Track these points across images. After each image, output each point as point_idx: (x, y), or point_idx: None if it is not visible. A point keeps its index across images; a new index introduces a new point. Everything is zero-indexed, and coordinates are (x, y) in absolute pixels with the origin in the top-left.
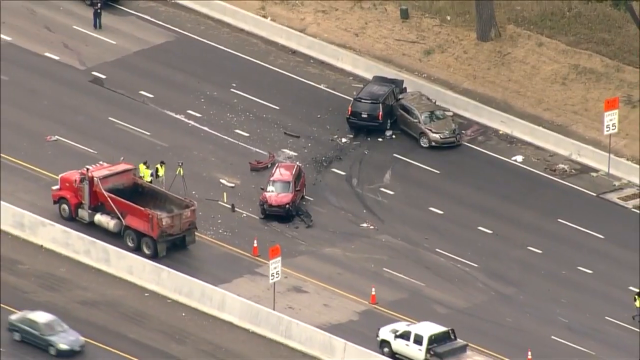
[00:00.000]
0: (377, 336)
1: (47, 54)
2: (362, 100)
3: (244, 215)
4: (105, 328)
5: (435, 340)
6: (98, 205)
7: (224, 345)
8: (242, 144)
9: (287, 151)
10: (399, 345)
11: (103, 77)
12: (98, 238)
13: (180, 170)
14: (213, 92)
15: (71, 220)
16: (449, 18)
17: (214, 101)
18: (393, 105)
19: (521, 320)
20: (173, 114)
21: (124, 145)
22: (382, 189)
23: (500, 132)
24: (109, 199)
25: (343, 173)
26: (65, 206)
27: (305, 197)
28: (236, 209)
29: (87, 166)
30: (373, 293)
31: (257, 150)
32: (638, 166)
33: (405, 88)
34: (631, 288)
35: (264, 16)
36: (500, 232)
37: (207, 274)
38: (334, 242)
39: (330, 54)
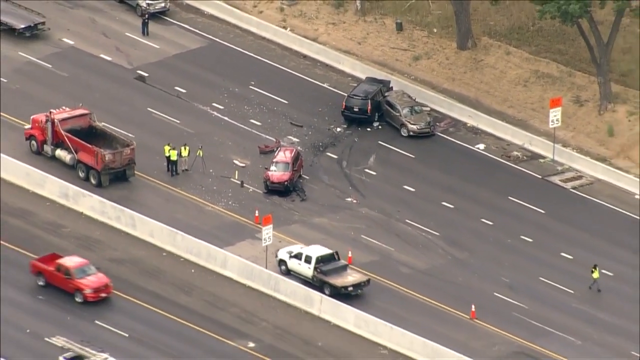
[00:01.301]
0: (276, 256)
1: (102, 56)
2: (355, 97)
3: (251, 190)
4: (128, 281)
5: (321, 260)
6: (59, 143)
7: (223, 297)
8: (254, 131)
9: (291, 138)
10: (293, 264)
11: (146, 74)
12: (107, 198)
13: (200, 152)
14: (235, 89)
15: (38, 154)
16: (435, 30)
17: (234, 96)
18: (380, 101)
19: (470, 280)
20: (200, 106)
21: (158, 130)
22: (367, 170)
23: (468, 125)
24: (65, 137)
25: (335, 156)
26: (34, 142)
27: (303, 175)
28: (245, 184)
29: (51, 110)
30: (350, 255)
31: (266, 136)
32: (579, 154)
33: (392, 87)
34: (563, 254)
35: (284, 27)
36: (460, 207)
37: (215, 237)
38: (322, 213)
39: (334, 59)
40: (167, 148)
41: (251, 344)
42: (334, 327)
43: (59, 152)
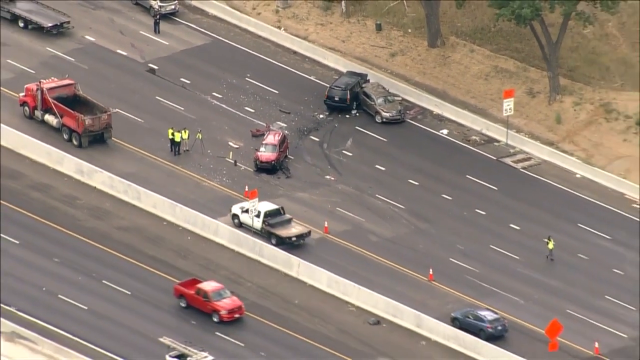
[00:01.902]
0: (230, 211)
1: (118, 51)
2: (336, 88)
3: (243, 168)
4: (133, 246)
5: (269, 214)
6: (47, 109)
7: (215, 261)
8: (248, 117)
9: (280, 123)
10: (244, 218)
11: (156, 67)
12: (116, 174)
13: (199, 135)
14: (232, 80)
15: (30, 118)
16: (409, 31)
17: (232, 86)
18: (358, 92)
19: (430, 247)
20: (202, 95)
21: (164, 116)
22: (344, 152)
23: (434, 113)
24: (52, 104)
25: (317, 140)
26: (26, 108)
27: (288, 156)
28: (238, 164)
29: (41, 80)
30: (326, 225)
31: (258, 122)
32: (530, 139)
33: (369, 79)
34: (512, 226)
35: (279, 27)
36: (424, 184)
37: (210, 209)
38: (304, 189)
39: (320, 55)
40: (170, 131)
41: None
42: (309, 287)
43: (47, 117)
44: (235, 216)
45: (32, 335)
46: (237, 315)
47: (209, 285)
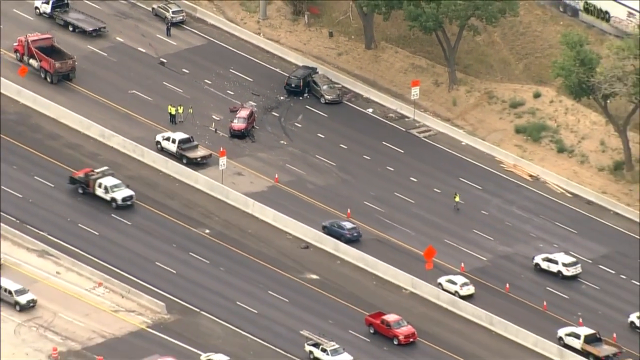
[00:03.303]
0: (155, 139)
1: (139, 48)
2: (293, 77)
3: (221, 135)
4: (136, 189)
5: (182, 141)
6: (31, 55)
7: (194, 201)
8: (228, 98)
9: (251, 102)
10: (164, 144)
11: (165, 61)
12: None
13: (190, 110)
14: (220, 71)
15: (20, 61)
16: (352, 37)
17: (219, 75)
18: (309, 81)
19: (350, 193)
20: (196, 81)
21: (167, 96)
22: (296, 124)
23: (364, 97)
24: (35, 52)
25: (277, 115)
26: (18, 54)
27: (254, 126)
28: (218, 131)
29: (28, 34)
30: (277, 177)
31: (235, 101)
32: (432, 117)
33: (318, 71)
34: (412, 178)
35: (258, 33)
36: (351, 148)
37: (196, 165)
38: (264, 150)
39: (286, 53)
40: (170, 107)
41: (207, 231)
42: (260, 221)
43: (31, 61)
44: (158, 142)
45: (56, 253)
46: (411, 340)
47: (391, 317)
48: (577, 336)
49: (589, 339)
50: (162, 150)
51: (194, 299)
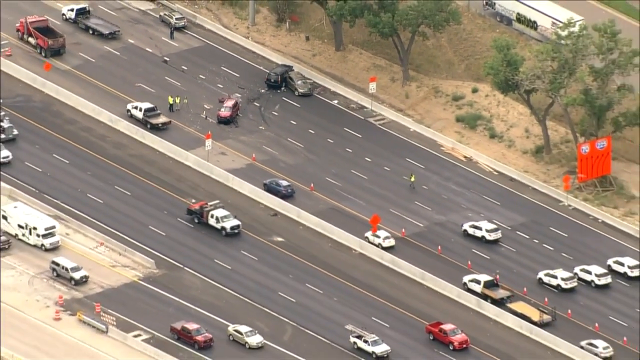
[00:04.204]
0: (127, 110)
1: (147, 49)
2: (272, 73)
3: (210, 120)
4: (136, 165)
5: (147, 110)
6: (30, 34)
7: (184, 176)
8: (218, 90)
9: (237, 94)
10: (134, 112)
11: (168, 59)
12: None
13: (185, 100)
14: (213, 68)
15: (20, 39)
16: (325, 41)
17: (212, 72)
18: (286, 77)
19: (315, 170)
20: (193, 76)
21: (167, 88)
22: (273, 112)
23: (331, 90)
24: (32, 31)
25: (258, 105)
26: (19, 33)
27: (238, 114)
28: (207, 118)
29: (27, 16)
30: (254, 156)
31: (223, 92)
32: (387, 107)
33: (293, 69)
34: (367, 158)
35: (247, 37)
36: (318, 132)
37: (186, 145)
38: (245, 134)
39: (268, 54)
40: (169, 97)
41: (194, 200)
42: (238, 193)
43: (30, 39)
44: (128, 110)
45: (67, 217)
46: (464, 346)
47: (448, 327)
48: (478, 282)
49: (488, 284)
50: (131, 117)
51: (179, 257)
